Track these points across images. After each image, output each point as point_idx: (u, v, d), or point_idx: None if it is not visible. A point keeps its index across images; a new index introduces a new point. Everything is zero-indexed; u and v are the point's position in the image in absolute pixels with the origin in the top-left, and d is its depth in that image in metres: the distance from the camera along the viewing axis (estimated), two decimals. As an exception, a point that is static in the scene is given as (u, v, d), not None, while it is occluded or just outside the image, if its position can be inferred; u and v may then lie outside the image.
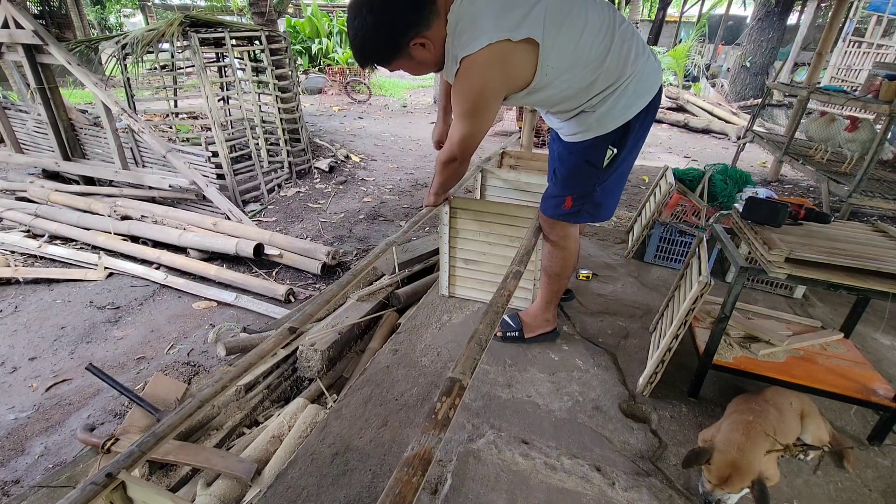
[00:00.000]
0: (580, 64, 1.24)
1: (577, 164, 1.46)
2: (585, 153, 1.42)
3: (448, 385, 0.79)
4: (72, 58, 3.82)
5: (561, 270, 1.69)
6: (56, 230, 3.57)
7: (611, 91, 1.29)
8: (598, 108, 1.32)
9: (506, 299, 1.09)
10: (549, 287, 1.75)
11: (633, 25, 1.37)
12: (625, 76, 1.28)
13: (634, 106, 1.33)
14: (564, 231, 1.62)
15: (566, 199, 1.52)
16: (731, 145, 6.91)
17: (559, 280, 1.72)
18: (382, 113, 8.84)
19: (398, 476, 0.63)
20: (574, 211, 1.53)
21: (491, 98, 1.23)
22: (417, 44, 1.17)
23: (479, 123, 1.28)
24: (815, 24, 10.14)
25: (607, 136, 1.36)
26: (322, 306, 1.11)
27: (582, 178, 1.48)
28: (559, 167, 1.54)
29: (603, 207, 1.55)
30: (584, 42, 1.21)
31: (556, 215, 1.58)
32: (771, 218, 1.50)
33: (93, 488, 0.68)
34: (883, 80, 2.96)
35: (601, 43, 1.23)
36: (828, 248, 1.37)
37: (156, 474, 1.57)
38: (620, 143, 1.38)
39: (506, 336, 1.84)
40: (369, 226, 3.99)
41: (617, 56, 1.26)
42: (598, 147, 1.39)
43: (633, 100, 1.32)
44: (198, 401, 0.84)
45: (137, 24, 16.25)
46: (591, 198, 1.50)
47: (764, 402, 1.32)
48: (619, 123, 1.34)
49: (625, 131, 1.36)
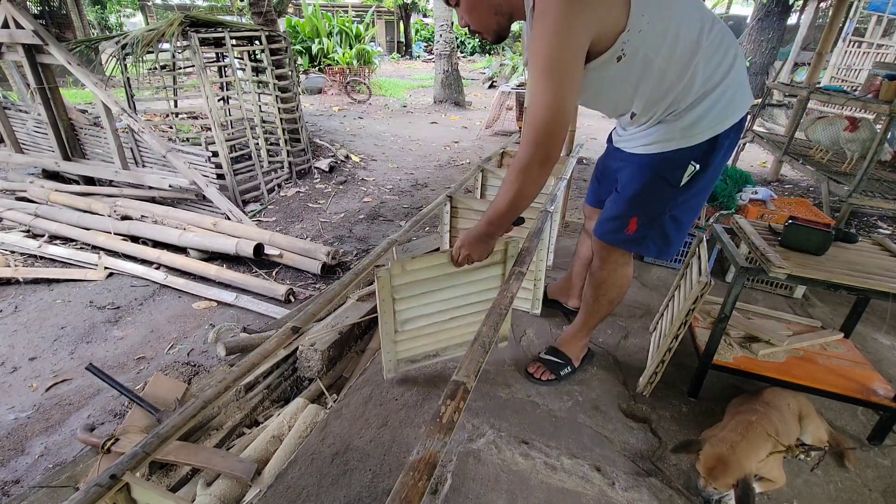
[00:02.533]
0: (681, 32, 1.02)
1: (649, 179, 1.25)
2: (661, 167, 1.21)
3: (452, 389, 0.78)
4: (72, 58, 3.82)
5: (608, 305, 1.54)
6: (56, 230, 3.57)
7: (705, 94, 1.10)
8: (688, 113, 1.12)
9: (509, 301, 1.09)
10: (591, 318, 1.61)
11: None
12: (722, 78, 1.09)
13: (729, 118, 1.13)
14: (624, 260, 1.44)
15: (630, 222, 1.31)
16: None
17: (604, 312, 1.57)
18: (382, 113, 8.84)
19: (404, 480, 0.63)
20: (638, 237, 1.33)
21: (575, 35, 0.96)
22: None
23: (564, 80, 0.98)
24: (815, 24, 10.13)
25: (691, 149, 1.16)
26: (324, 306, 1.10)
27: (653, 198, 1.27)
28: (625, 184, 1.32)
29: (671, 241, 1.34)
30: (680, 6, 1.02)
31: (616, 240, 1.37)
32: (817, 247, 1.37)
33: (97, 490, 0.68)
34: (883, 80, 2.96)
35: (696, 20, 1.04)
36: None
37: (156, 474, 1.57)
38: (704, 161, 1.17)
39: (561, 376, 1.65)
40: (369, 226, 3.99)
41: (713, 48, 1.06)
42: (677, 161, 1.18)
43: (729, 110, 1.12)
44: (201, 401, 0.84)
45: (137, 24, 16.25)
46: (660, 222, 1.29)
47: (765, 405, 1.32)
48: (709, 136, 1.14)
49: (711, 147, 1.15)
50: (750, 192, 2.79)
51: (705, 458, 1.19)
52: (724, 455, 1.17)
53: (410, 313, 1.53)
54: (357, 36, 12.71)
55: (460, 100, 9.34)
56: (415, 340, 1.62)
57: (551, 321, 2.02)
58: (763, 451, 1.18)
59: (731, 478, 1.14)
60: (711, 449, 1.20)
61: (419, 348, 1.65)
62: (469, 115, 8.80)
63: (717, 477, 1.16)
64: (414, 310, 1.52)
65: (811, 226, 1.41)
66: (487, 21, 1.12)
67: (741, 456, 1.16)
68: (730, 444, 1.19)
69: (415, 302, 1.50)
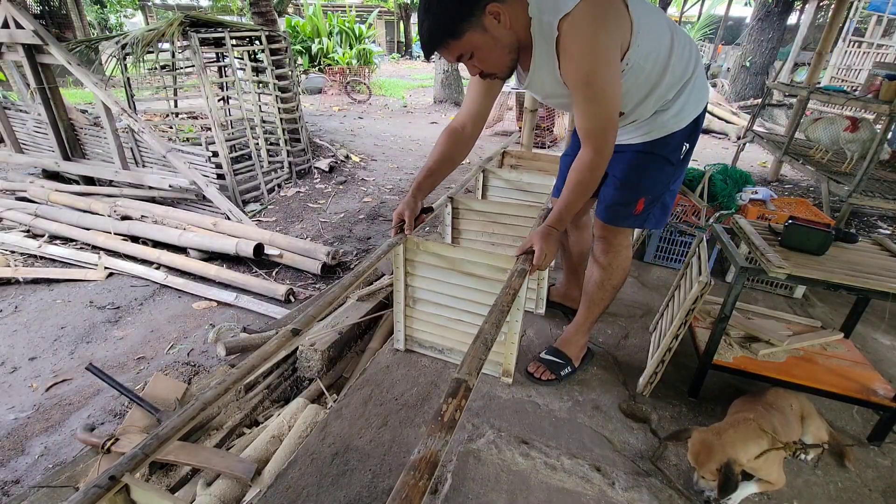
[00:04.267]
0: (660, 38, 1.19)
1: (653, 163, 1.39)
2: (663, 149, 1.36)
3: (454, 386, 0.78)
4: (72, 58, 3.82)
5: (612, 291, 1.59)
6: (56, 230, 3.57)
7: (685, 84, 1.27)
8: (674, 102, 1.28)
9: (511, 297, 1.09)
10: (593, 311, 1.65)
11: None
12: (694, 68, 1.27)
13: (702, 100, 1.33)
14: (627, 242, 1.55)
15: (638, 203, 1.43)
16: (731, 145, 6.91)
17: (608, 301, 1.62)
18: (382, 113, 8.84)
19: (405, 479, 0.62)
20: (644, 216, 1.46)
21: (610, 54, 1.08)
22: (493, 13, 1.05)
23: (608, 93, 1.11)
24: (815, 24, 10.14)
25: (682, 131, 1.34)
26: (324, 308, 1.10)
27: (658, 178, 1.41)
28: (626, 172, 1.42)
29: (667, 210, 1.50)
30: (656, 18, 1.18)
31: (626, 222, 1.49)
32: (817, 247, 1.39)
33: (96, 491, 0.68)
34: (883, 79, 2.95)
35: (665, 27, 1.21)
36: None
37: (156, 474, 1.57)
38: (691, 138, 1.37)
39: (561, 376, 1.66)
40: (369, 226, 3.99)
41: (681, 45, 1.23)
42: (674, 143, 1.35)
43: (702, 93, 1.32)
44: (201, 402, 0.83)
45: (137, 24, 16.25)
46: (662, 199, 1.45)
47: (767, 406, 1.32)
48: (694, 116, 1.32)
49: (695, 126, 1.35)
50: (750, 192, 2.79)
51: (692, 445, 1.22)
52: (708, 440, 1.19)
53: (422, 294, 1.66)
54: (357, 36, 12.70)
55: (460, 100, 9.33)
56: (425, 324, 1.72)
57: (552, 321, 2.02)
58: (755, 446, 1.18)
59: (715, 463, 1.15)
60: (698, 435, 1.22)
61: (428, 334, 1.74)
62: (469, 115, 8.78)
63: (703, 463, 1.17)
64: (425, 292, 1.65)
65: (811, 226, 1.41)
66: (502, 62, 1.16)
67: (726, 442, 1.18)
68: (716, 431, 1.21)
69: (425, 284, 1.63)
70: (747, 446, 1.18)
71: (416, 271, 1.62)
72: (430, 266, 1.58)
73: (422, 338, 1.76)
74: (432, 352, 1.76)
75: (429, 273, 1.60)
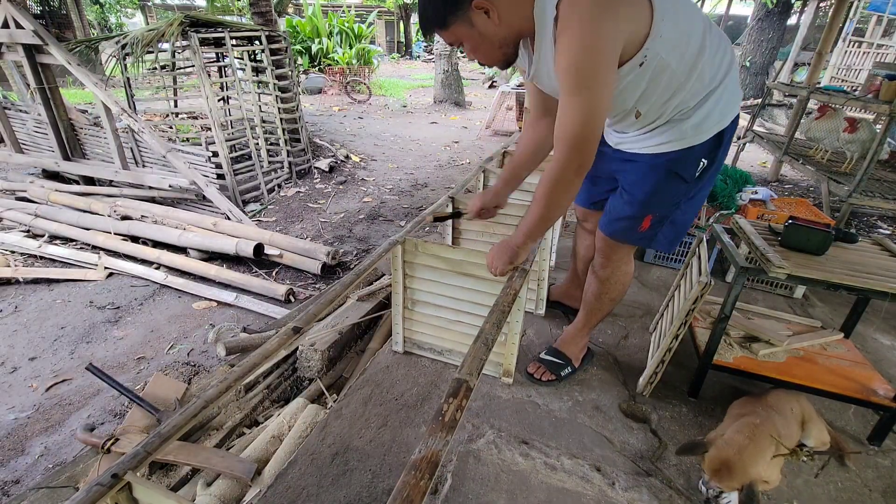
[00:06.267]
0: (691, 33, 1.06)
1: (663, 177, 1.26)
2: (675, 164, 1.24)
3: (455, 386, 0.78)
4: (72, 58, 3.82)
5: (610, 304, 1.57)
6: (56, 230, 3.57)
7: (710, 92, 1.14)
8: (696, 111, 1.15)
9: (511, 298, 1.09)
10: (592, 318, 1.63)
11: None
12: (724, 76, 1.13)
13: (729, 113, 1.18)
14: (628, 258, 1.49)
15: (644, 220, 1.34)
16: (731, 145, 6.91)
17: (606, 311, 1.60)
18: (382, 113, 8.84)
19: (406, 479, 0.62)
20: (651, 234, 1.37)
21: (606, 46, 0.96)
22: (480, 8, 1.01)
23: (597, 90, 0.98)
24: (815, 24, 10.14)
25: (701, 146, 1.20)
26: (325, 306, 1.11)
27: (667, 195, 1.30)
28: (634, 185, 1.32)
29: (680, 231, 1.39)
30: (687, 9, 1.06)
31: (629, 239, 1.41)
32: (817, 247, 1.37)
33: (98, 489, 0.68)
34: (883, 80, 2.96)
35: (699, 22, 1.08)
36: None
37: (156, 474, 1.57)
38: (711, 156, 1.22)
39: (561, 376, 1.65)
40: (369, 226, 3.99)
41: (715, 47, 1.10)
42: (690, 158, 1.22)
43: (729, 106, 1.17)
44: (202, 401, 0.84)
45: (137, 24, 16.26)
46: (672, 218, 1.35)
47: (767, 407, 1.32)
48: (717, 130, 1.18)
49: (717, 142, 1.20)
50: (750, 192, 2.79)
51: (710, 461, 1.18)
52: (730, 459, 1.16)
53: (420, 296, 1.65)
54: (357, 36, 12.71)
55: (460, 100, 9.34)
56: (423, 326, 1.71)
57: (552, 321, 2.02)
58: (768, 454, 1.18)
59: (737, 482, 1.13)
60: (717, 452, 1.18)
61: (426, 336, 1.73)
62: (469, 115, 8.79)
63: (723, 479, 1.15)
64: (423, 294, 1.64)
65: (811, 226, 1.41)
66: (493, 56, 1.13)
67: (747, 460, 1.15)
68: (736, 448, 1.17)
69: (424, 286, 1.62)
70: (764, 458, 1.17)
71: (414, 273, 1.61)
72: (428, 268, 1.58)
73: (420, 339, 1.75)
74: (431, 353, 1.76)
75: (427, 275, 1.60)
